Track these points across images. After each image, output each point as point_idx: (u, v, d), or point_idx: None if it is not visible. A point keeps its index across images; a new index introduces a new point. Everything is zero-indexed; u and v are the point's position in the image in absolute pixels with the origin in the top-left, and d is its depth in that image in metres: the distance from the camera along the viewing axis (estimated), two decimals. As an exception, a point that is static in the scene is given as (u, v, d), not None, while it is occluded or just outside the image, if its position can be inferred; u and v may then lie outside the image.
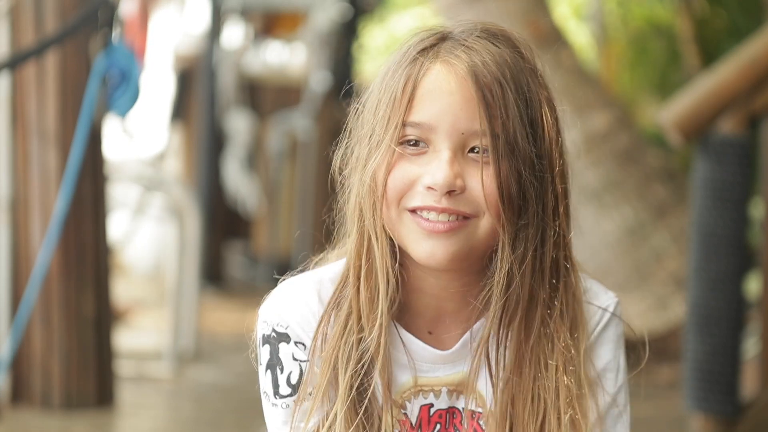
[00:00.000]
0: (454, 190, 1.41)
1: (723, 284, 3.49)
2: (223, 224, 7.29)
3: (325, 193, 1.57)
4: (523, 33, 1.49)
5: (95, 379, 4.02)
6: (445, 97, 1.41)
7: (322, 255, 1.58)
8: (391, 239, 1.46)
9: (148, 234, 6.78)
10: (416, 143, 1.43)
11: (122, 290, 6.01)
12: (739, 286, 3.51)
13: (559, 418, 1.44)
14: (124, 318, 5.64)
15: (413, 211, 1.43)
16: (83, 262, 4.00)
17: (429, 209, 1.42)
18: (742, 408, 3.53)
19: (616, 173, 5.28)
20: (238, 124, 7.04)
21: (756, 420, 3.53)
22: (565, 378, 1.45)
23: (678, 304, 4.93)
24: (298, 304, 1.50)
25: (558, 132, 1.47)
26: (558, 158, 1.46)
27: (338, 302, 1.49)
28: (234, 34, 7.55)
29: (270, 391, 1.50)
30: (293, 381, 1.48)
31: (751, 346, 3.97)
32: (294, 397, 1.48)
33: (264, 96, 7.38)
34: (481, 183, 1.40)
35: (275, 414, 1.50)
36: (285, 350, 1.49)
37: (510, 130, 1.40)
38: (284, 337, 1.49)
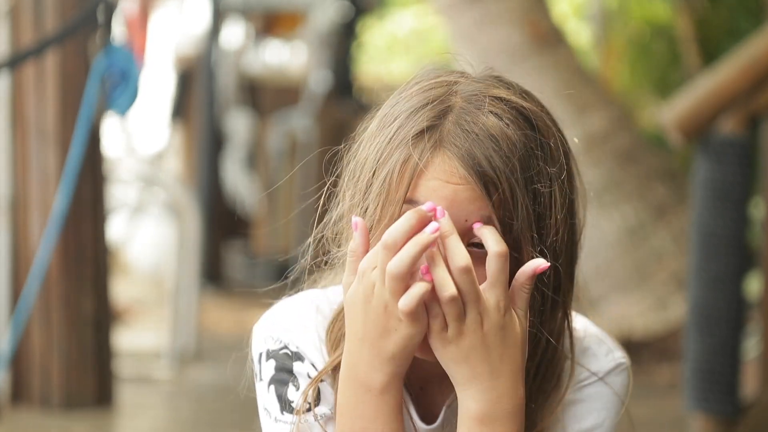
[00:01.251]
0: None
1: (723, 284, 3.48)
2: (223, 224, 7.29)
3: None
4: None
5: (95, 379, 4.02)
6: (447, 193, 1.31)
7: (315, 276, 1.51)
8: None
9: (148, 234, 6.78)
10: None
11: (122, 290, 6.00)
12: (739, 286, 3.51)
13: None
14: (123, 318, 5.64)
15: None
16: (83, 261, 3.99)
17: None
18: (742, 408, 3.53)
19: (616, 173, 5.28)
20: (238, 124, 7.04)
21: (756, 420, 3.53)
22: None
23: (678, 304, 4.92)
24: (306, 325, 1.44)
25: (569, 211, 1.38)
26: (564, 241, 1.37)
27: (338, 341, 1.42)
28: (234, 34, 7.56)
29: (275, 407, 1.41)
30: (309, 399, 1.40)
31: (751, 346, 3.96)
32: (309, 414, 1.39)
33: (264, 96, 7.38)
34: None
35: None
36: (300, 368, 1.42)
37: (515, 235, 1.33)
38: (298, 356, 1.42)
